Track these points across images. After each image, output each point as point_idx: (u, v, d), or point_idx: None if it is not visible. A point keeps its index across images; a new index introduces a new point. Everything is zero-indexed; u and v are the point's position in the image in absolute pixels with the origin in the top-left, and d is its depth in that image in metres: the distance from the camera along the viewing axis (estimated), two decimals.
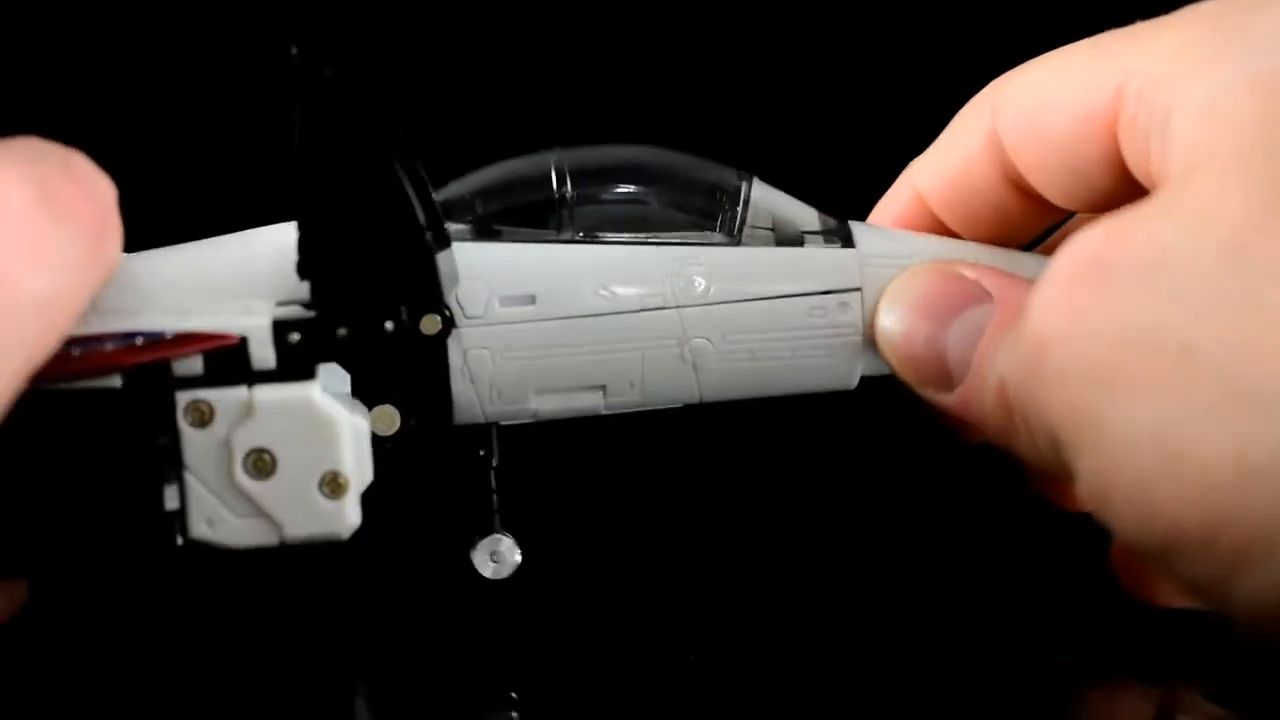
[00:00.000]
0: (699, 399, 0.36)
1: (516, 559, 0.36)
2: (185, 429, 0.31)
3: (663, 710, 0.37)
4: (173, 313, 0.31)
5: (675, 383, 0.35)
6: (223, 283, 0.32)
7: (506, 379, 0.34)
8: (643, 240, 0.35)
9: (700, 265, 0.35)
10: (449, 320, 0.33)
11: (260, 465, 0.31)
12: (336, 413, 0.32)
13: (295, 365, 0.32)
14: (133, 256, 0.32)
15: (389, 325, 0.32)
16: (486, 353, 0.34)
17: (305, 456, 0.31)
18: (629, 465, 0.46)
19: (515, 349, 0.34)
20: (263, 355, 0.32)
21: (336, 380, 0.33)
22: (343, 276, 0.31)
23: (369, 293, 0.32)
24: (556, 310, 0.34)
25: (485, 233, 0.35)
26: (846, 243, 0.36)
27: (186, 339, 0.31)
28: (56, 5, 0.45)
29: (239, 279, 0.32)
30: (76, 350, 0.30)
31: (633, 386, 0.35)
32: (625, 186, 0.36)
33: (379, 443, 0.33)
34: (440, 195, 0.34)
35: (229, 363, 0.31)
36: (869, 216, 0.39)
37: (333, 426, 0.32)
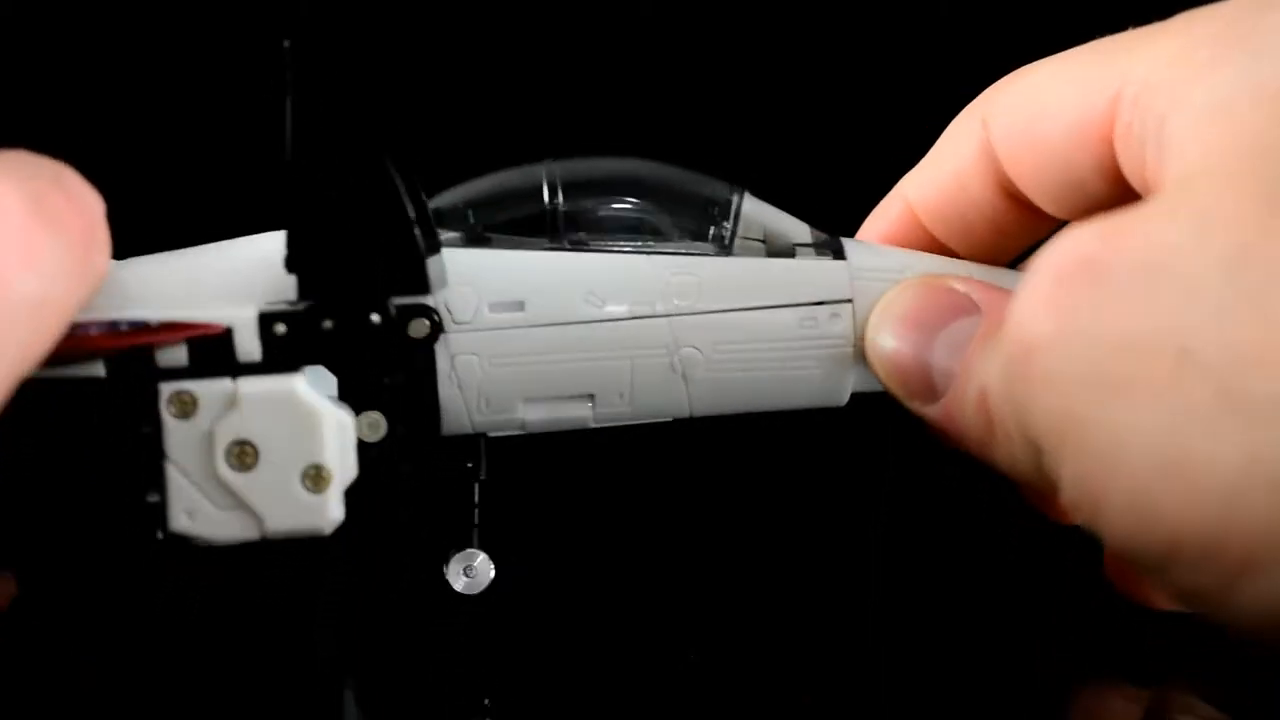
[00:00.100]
0: (689, 412, 0.35)
1: (490, 575, 0.35)
2: (168, 420, 0.31)
3: (662, 711, 0.36)
4: (159, 309, 0.31)
5: (665, 394, 0.35)
6: (210, 286, 0.32)
7: (495, 386, 0.34)
8: (633, 249, 0.35)
9: (691, 274, 0.35)
10: (437, 325, 0.33)
11: (242, 457, 0.31)
12: (320, 405, 0.31)
13: (280, 357, 0.31)
14: (121, 263, 0.32)
15: (375, 318, 0.32)
16: (475, 359, 0.34)
17: (288, 449, 0.31)
18: (624, 476, 0.45)
19: (504, 355, 0.34)
20: (248, 347, 0.32)
21: (323, 384, 0.32)
22: (330, 268, 0.31)
23: (355, 284, 0.31)
24: (545, 317, 0.34)
25: (475, 240, 0.35)
26: (838, 255, 0.36)
27: (171, 327, 0.30)
28: (50, 11, 0.45)
29: (227, 282, 0.32)
30: None
31: (622, 397, 0.35)
32: (616, 198, 0.36)
33: (365, 449, 0.33)
34: (432, 204, 0.34)
35: (213, 354, 0.31)
36: (859, 231, 0.39)
37: (316, 419, 0.31)
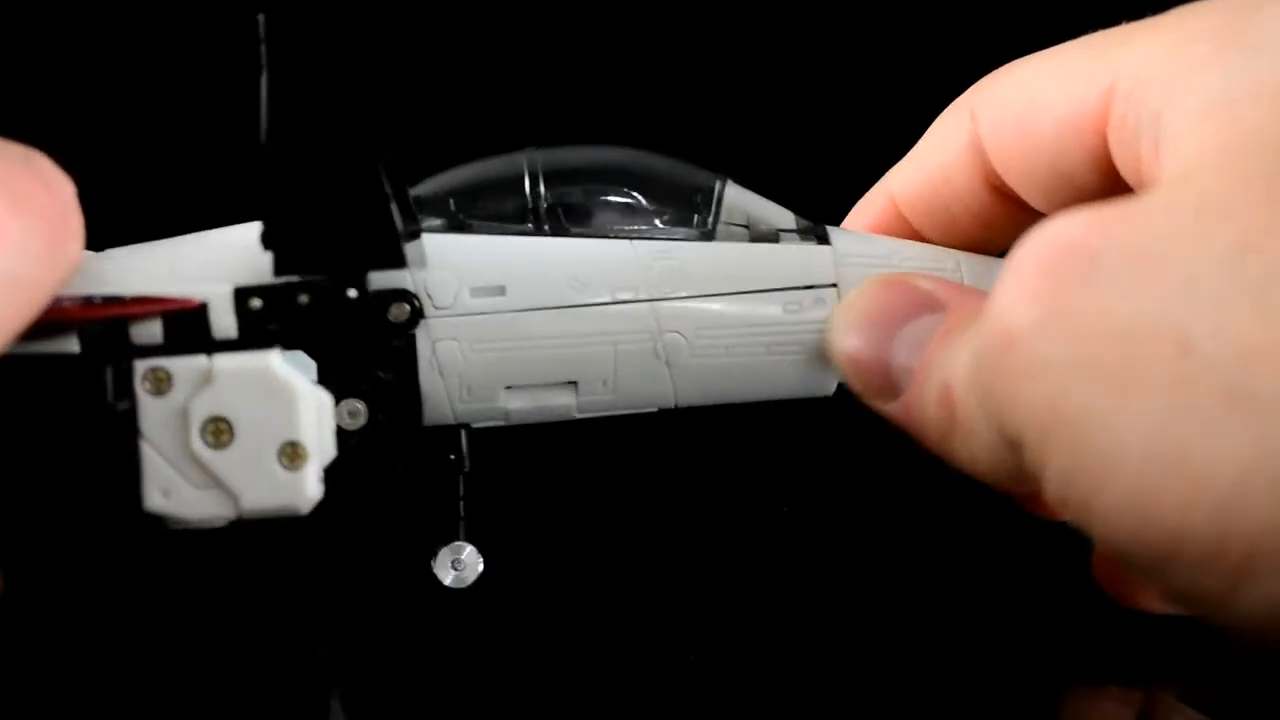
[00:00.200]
0: (674, 402, 0.35)
1: (479, 568, 0.35)
2: (142, 396, 0.31)
3: (662, 710, 0.36)
4: (136, 290, 0.31)
5: (650, 381, 0.34)
6: (187, 268, 0.32)
7: (476, 372, 0.34)
8: (616, 234, 0.35)
9: (674, 259, 0.34)
10: (417, 310, 0.33)
11: (218, 434, 0.31)
12: (296, 381, 0.31)
13: (256, 334, 0.31)
14: (98, 254, 0.32)
15: (352, 294, 0.32)
16: (455, 344, 0.33)
17: (264, 426, 0.31)
18: (620, 472, 0.45)
19: (485, 341, 0.34)
20: (223, 323, 0.31)
21: (303, 370, 0.32)
22: (305, 242, 0.31)
23: (330, 258, 0.31)
24: (527, 301, 0.34)
25: (457, 227, 0.35)
26: (822, 241, 0.35)
27: (145, 301, 0.30)
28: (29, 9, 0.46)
29: (204, 264, 0.32)
30: None
31: (606, 384, 0.34)
32: (598, 186, 0.36)
33: (346, 437, 0.33)
34: (413, 192, 0.34)
35: (189, 330, 0.31)
36: (842, 225, 0.38)
37: (292, 394, 0.31)
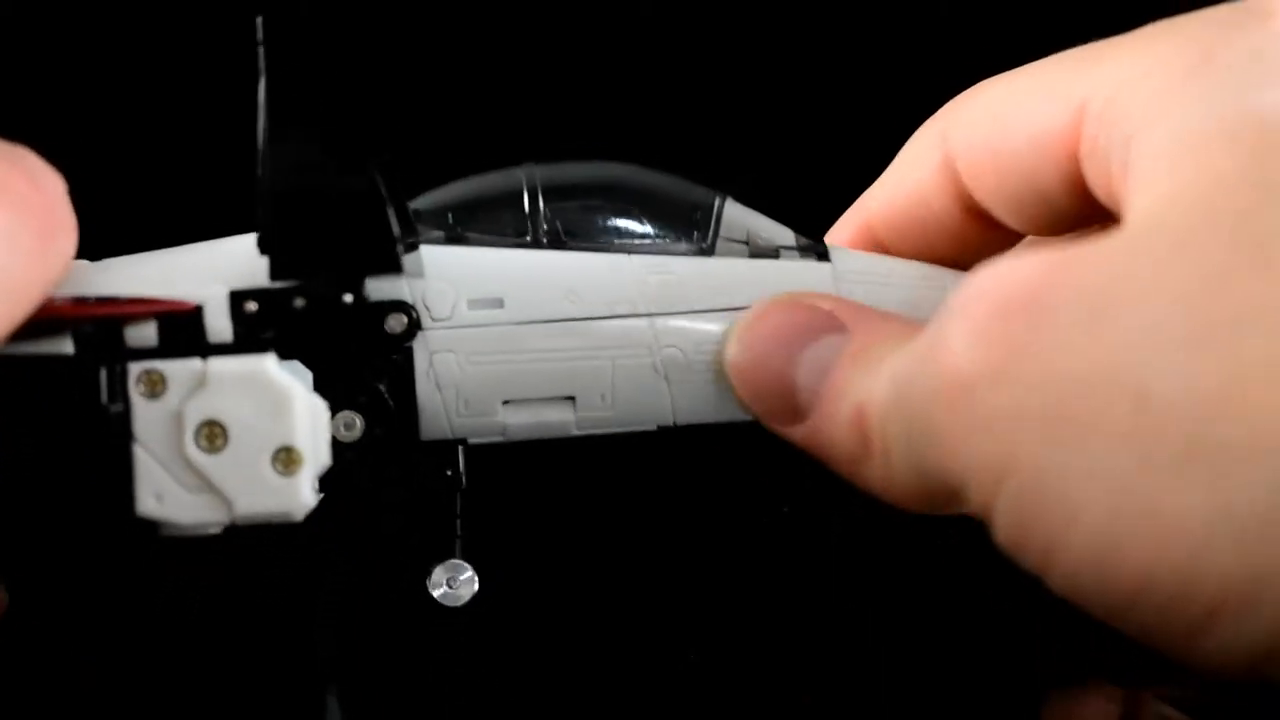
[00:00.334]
0: (673, 420, 0.35)
1: (475, 587, 0.34)
2: (136, 399, 0.30)
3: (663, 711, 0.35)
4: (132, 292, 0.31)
5: (648, 397, 0.34)
6: (183, 274, 0.32)
7: (473, 386, 0.33)
8: (614, 248, 0.35)
9: (672, 274, 0.34)
10: (414, 321, 0.33)
11: (212, 438, 0.30)
12: (291, 385, 0.31)
13: (252, 338, 0.31)
14: (93, 264, 0.32)
15: (348, 299, 0.32)
16: (453, 356, 0.33)
17: (258, 430, 0.31)
18: (617, 480, 0.45)
19: (482, 353, 0.33)
20: (219, 326, 0.31)
21: (299, 378, 0.32)
22: (302, 246, 0.31)
23: (327, 262, 0.31)
24: (525, 314, 0.33)
25: (455, 239, 0.35)
26: (822, 259, 0.35)
27: (140, 301, 0.30)
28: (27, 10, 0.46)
29: (200, 272, 0.32)
30: None
31: (604, 399, 0.34)
32: (596, 202, 0.35)
33: (342, 450, 0.32)
34: (411, 206, 0.34)
35: (183, 333, 0.31)
36: None
37: (287, 399, 0.31)
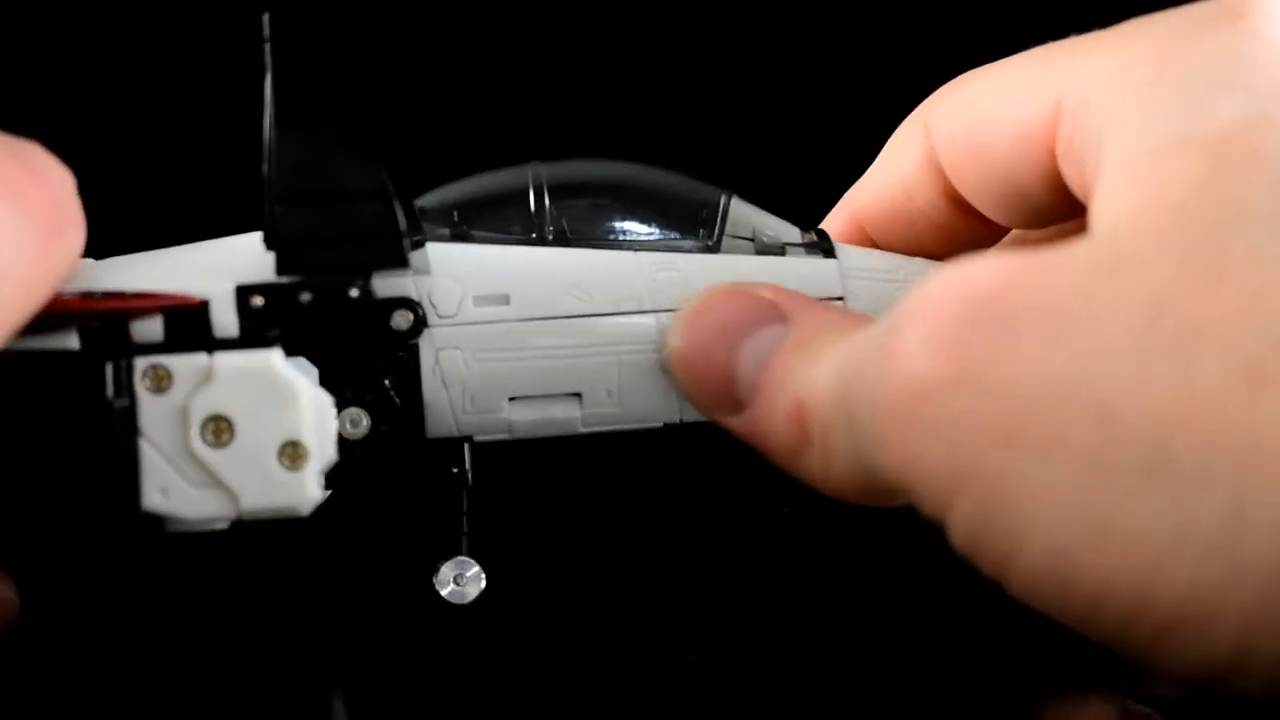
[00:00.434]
0: (679, 417, 0.35)
1: (481, 584, 0.34)
2: (142, 394, 0.30)
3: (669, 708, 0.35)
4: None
5: (654, 395, 0.34)
6: (189, 270, 0.32)
7: (479, 382, 0.33)
8: (620, 245, 0.35)
9: (677, 271, 0.34)
10: (420, 318, 0.33)
11: (218, 433, 0.30)
12: (297, 380, 0.31)
13: (257, 333, 0.31)
14: (99, 262, 0.32)
15: (354, 293, 0.32)
16: (459, 353, 0.33)
17: (264, 425, 0.31)
18: (624, 477, 0.45)
19: (488, 350, 0.33)
20: (225, 321, 0.31)
21: (305, 374, 0.32)
22: (308, 241, 0.31)
23: (333, 257, 0.31)
24: (531, 311, 0.33)
25: (461, 237, 0.35)
26: (828, 255, 0.35)
27: (146, 296, 0.30)
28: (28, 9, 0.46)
29: (206, 267, 0.32)
30: None
31: (610, 396, 0.34)
32: (602, 200, 0.36)
33: (348, 447, 0.32)
34: (418, 204, 0.34)
35: (189, 328, 0.31)
36: None
37: (293, 393, 0.31)
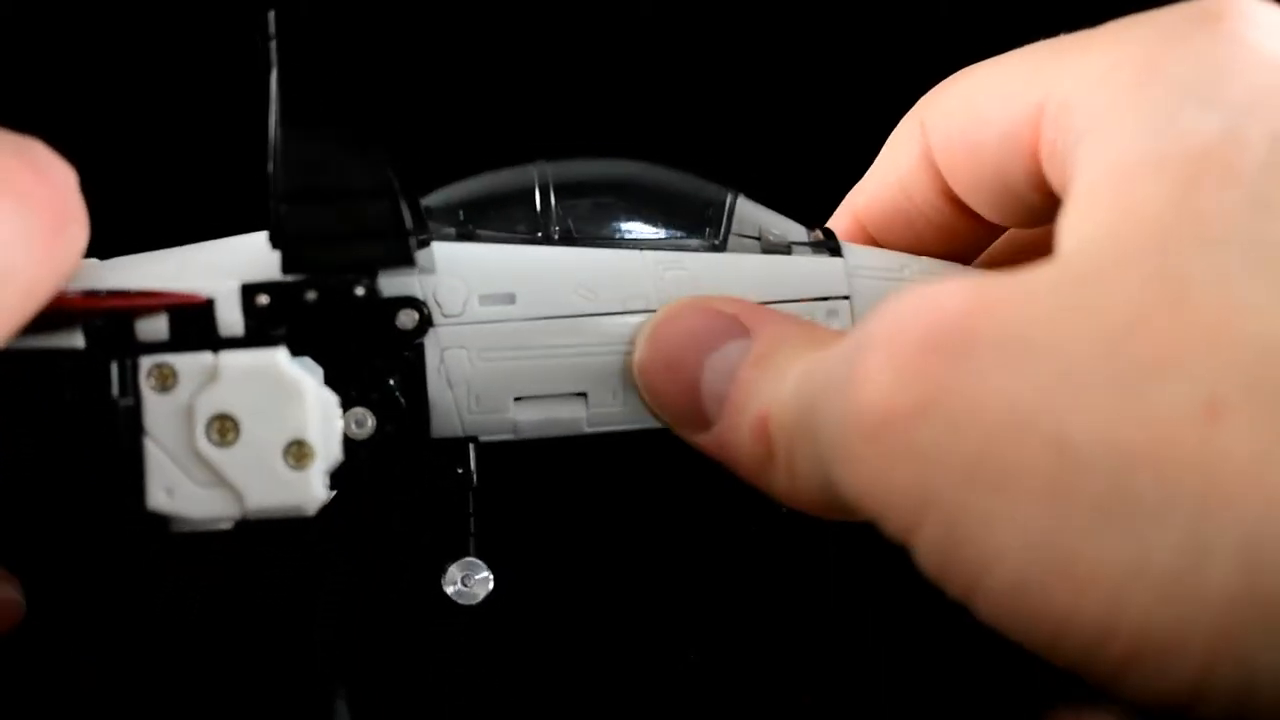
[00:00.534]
0: None
1: (489, 585, 0.34)
2: (147, 393, 0.30)
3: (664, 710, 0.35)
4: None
5: None
6: (195, 269, 0.32)
7: (485, 382, 0.33)
8: (626, 244, 0.34)
9: (684, 270, 0.34)
10: (426, 317, 0.33)
11: (223, 432, 0.30)
12: (303, 379, 0.31)
13: (263, 332, 0.31)
14: (103, 262, 0.32)
15: (359, 291, 0.32)
16: (464, 353, 0.33)
17: (269, 423, 0.30)
18: (621, 480, 0.45)
19: (494, 349, 0.33)
20: (230, 319, 0.31)
21: (310, 374, 0.32)
22: (314, 239, 0.31)
23: (339, 255, 0.31)
24: (536, 310, 0.33)
25: (466, 236, 0.35)
26: (835, 254, 0.35)
27: (151, 295, 0.30)
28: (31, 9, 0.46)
29: (211, 266, 0.32)
30: None
31: (615, 395, 0.34)
32: (608, 199, 0.35)
33: (353, 447, 0.32)
34: (423, 203, 0.34)
35: (195, 326, 0.31)
36: None
37: (299, 392, 0.31)
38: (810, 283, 0.34)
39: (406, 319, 0.32)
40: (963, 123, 0.32)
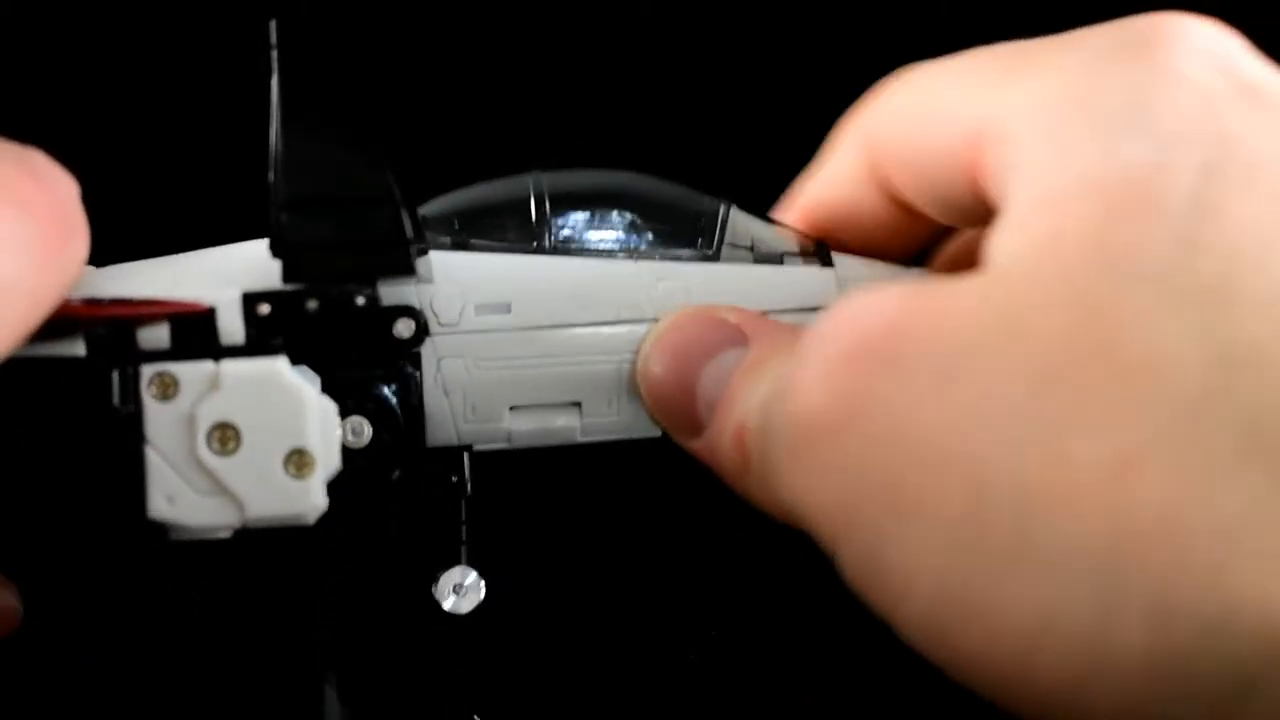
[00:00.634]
0: None
1: (481, 594, 0.34)
2: (148, 402, 0.30)
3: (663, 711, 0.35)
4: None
5: None
6: (195, 277, 0.32)
7: (480, 391, 0.34)
8: (620, 254, 0.35)
9: (678, 279, 0.35)
10: (422, 326, 0.33)
11: (224, 441, 0.30)
12: (304, 387, 0.31)
13: (264, 341, 0.31)
14: (102, 270, 0.32)
15: (360, 300, 0.32)
16: (460, 361, 0.33)
17: (270, 432, 0.31)
18: (618, 482, 0.45)
19: (490, 358, 0.34)
20: (231, 328, 0.31)
21: (308, 382, 0.32)
22: (314, 248, 0.31)
23: (340, 264, 0.31)
24: (532, 319, 0.34)
25: (462, 246, 0.35)
26: (825, 264, 0.36)
27: (153, 303, 0.30)
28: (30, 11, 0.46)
29: (212, 275, 0.32)
30: None
31: (610, 405, 0.34)
32: (603, 209, 0.36)
33: (350, 456, 0.32)
34: (419, 212, 0.34)
35: (196, 335, 0.31)
36: None
37: (300, 401, 0.31)
38: (802, 293, 0.35)
39: (404, 328, 0.33)
40: (903, 138, 0.32)
